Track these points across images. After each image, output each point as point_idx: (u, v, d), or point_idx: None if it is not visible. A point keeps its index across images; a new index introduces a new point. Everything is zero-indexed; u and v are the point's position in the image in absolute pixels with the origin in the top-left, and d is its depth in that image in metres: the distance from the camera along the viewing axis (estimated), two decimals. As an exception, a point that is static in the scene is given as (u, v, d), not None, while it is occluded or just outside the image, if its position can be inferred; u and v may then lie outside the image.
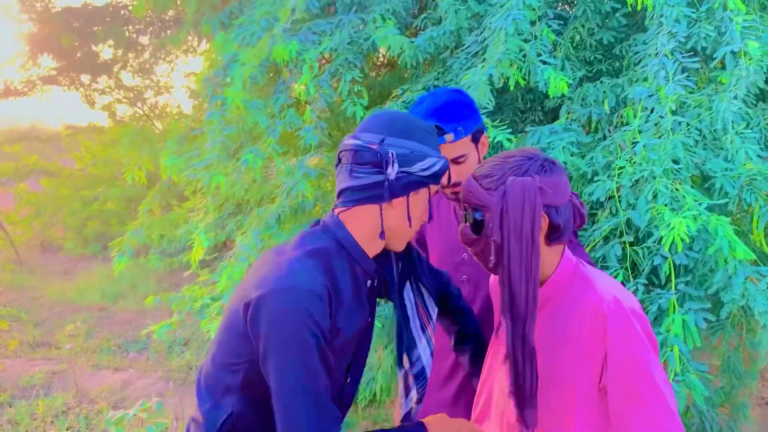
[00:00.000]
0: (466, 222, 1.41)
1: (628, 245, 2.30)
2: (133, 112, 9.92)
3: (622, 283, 2.15)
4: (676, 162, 2.28)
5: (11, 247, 9.31)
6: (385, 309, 3.09)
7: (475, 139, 1.73)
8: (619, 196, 2.35)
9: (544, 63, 2.70)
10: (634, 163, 2.32)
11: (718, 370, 2.73)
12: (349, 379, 1.49)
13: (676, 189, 2.21)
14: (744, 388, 2.71)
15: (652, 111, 2.44)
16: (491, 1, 2.95)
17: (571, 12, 3.24)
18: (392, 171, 1.31)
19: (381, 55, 4.47)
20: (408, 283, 1.54)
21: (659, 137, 2.36)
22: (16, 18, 7.47)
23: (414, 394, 1.54)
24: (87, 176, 9.68)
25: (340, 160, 1.40)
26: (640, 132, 2.43)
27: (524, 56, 2.72)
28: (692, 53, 2.52)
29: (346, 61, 3.20)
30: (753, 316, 2.05)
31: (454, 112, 1.69)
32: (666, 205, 2.17)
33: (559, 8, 3.17)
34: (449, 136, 1.68)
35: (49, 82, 8.17)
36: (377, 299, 1.58)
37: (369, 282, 1.45)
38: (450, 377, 1.89)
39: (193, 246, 3.01)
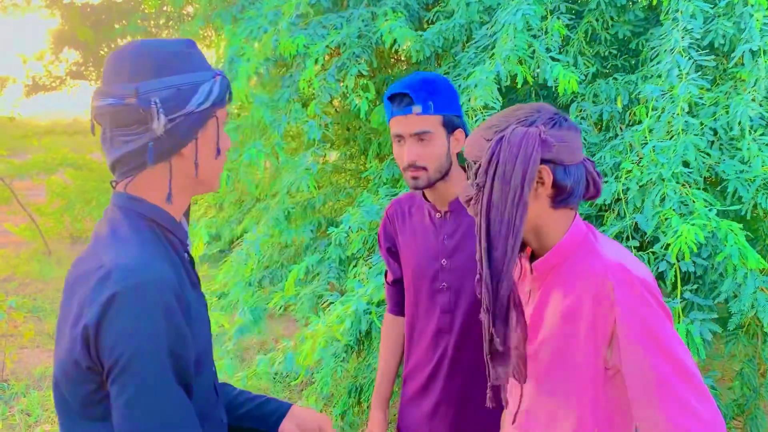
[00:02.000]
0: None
1: (634, 250, 2.20)
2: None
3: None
4: (686, 164, 2.17)
5: (41, 238, 9.50)
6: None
7: (447, 126, 1.65)
8: (625, 199, 2.25)
9: (554, 59, 2.61)
10: (642, 165, 2.22)
11: (732, 382, 2.61)
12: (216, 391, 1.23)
13: (686, 193, 2.11)
14: (759, 399, 2.58)
15: (663, 110, 2.33)
16: (503, -7, 2.87)
17: (585, 5, 3.13)
18: (159, 125, 1.06)
19: (400, 50, 4.41)
20: None
21: (671, 138, 2.25)
22: (41, 14, 7.59)
23: None
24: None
25: (97, 123, 1.13)
26: (650, 131, 2.32)
27: (533, 52, 2.63)
28: (709, 50, 2.40)
29: (353, 54, 3.15)
30: (763, 328, 1.94)
31: (428, 87, 1.61)
32: (674, 209, 2.07)
33: (573, 1, 3.05)
34: (417, 108, 1.58)
35: (76, 77, 8.29)
36: None
37: (186, 254, 1.20)
38: (426, 390, 1.81)
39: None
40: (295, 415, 1.37)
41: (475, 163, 1.23)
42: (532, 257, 1.34)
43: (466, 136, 1.71)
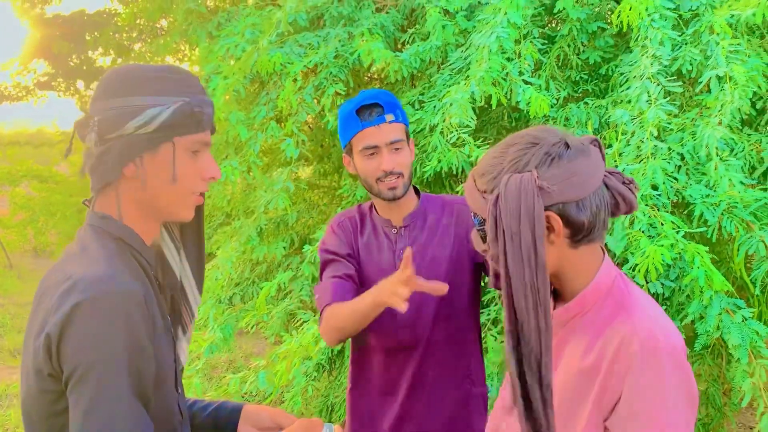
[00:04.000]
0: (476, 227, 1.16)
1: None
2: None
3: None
4: (654, 188, 2.23)
5: (2, 251, 9.28)
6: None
7: (407, 136, 1.72)
8: (596, 221, 2.29)
9: (527, 83, 2.66)
10: (612, 187, 2.27)
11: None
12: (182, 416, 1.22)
13: (654, 215, 2.16)
14: (723, 419, 2.64)
15: (633, 134, 2.39)
16: (479, 17, 2.92)
17: (557, 30, 3.20)
18: (91, 142, 1.08)
19: (375, 70, 4.45)
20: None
21: (640, 162, 2.31)
22: (11, 23, 7.47)
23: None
24: (81, 182, 9.64)
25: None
26: (620, 155, 2.38)
27: (506, 75, 2.68)
28: (677, 77, 2.48)
29: (331, 74, 3.17)
30: (727, 349, 1.99)
31: (392, 98, 1.69)
32: (643, 231, 2.12)
33: (546, 27, 3.13)
34: (389, 116, 1.64)
35: (44, 88, 8.16)
36: None
37: (155, 278, 1.20)
38: (383, 407, 1.79)
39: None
40: (250, 416, 1.36)
41: (474, 215, 1.15)
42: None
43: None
